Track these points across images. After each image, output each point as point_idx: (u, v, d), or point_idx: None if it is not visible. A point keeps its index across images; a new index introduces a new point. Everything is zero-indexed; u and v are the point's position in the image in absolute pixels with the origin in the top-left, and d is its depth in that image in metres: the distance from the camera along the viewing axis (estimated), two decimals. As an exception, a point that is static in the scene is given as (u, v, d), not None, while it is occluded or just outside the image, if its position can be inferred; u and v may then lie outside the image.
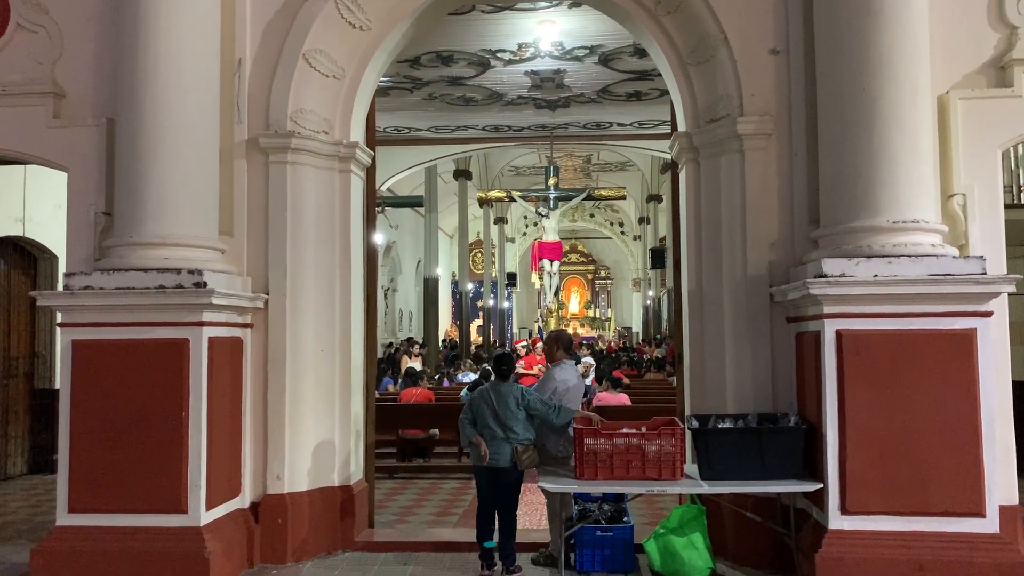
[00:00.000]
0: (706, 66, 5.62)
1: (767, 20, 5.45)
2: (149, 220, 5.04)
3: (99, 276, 4.96)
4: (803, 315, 4.99)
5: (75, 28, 5.64)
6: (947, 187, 5.08)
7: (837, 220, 4.85)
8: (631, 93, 13.13)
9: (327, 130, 5.83)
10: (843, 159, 4.82)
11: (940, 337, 4.53)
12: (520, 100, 13.73)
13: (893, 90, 4.71)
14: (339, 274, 5.80)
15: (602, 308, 36.39)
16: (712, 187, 5.60)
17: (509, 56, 11.42)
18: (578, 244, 36.24)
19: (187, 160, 5.12)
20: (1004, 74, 5.18)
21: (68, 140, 5.50)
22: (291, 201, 5.61)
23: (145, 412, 4.90)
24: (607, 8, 6.07)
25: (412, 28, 6.21)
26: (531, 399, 5.19)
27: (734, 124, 5.38)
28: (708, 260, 5.60)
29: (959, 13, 5.23)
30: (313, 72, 5.74)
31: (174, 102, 5.08)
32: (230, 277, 5.27)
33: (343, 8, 5.68)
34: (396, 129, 15.38)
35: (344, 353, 5.80)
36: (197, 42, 5.23)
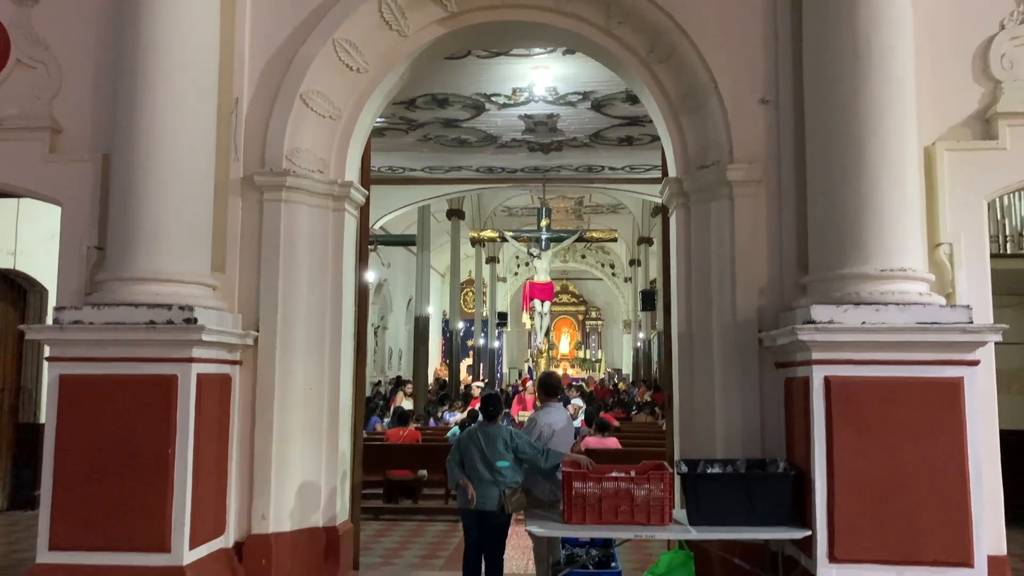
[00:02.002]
0: (697, 114, 5.71)
1: (757, 70, 5.55)
2: (141, 255, 5.05)
3: (89, 310, 4.95)
4: (792, 361, 5.02)
5: (74, 64, 5.70)
6: (934, 236, 5.15)
7: (826, 267, 4.90)
8: (623, 138, 13.29)
9: (322, 169, 5.88)
10: (831, 207, 4.89)
11: (928, 385, 4.55)
12: (514, 143, 13.86)
13: (880, 140, 4.80)
14: (330, 312, 5.80)
15: (593, 349, 36.31)
16: (702, 232, 5.65)
17: (503, 100, 11.56)
18: (569, 285, 36.27)
19: (181, 196, 5.15)
20: (989, 126, 5.28)
21: (63, 174, 5.53)
22: (284, 239, 5.64)
23: (131, 449, 4.86)
24: (600, 56, 6.17)
25: (408, 71, 6.30)
26: (520, 442, 5.18)
27: (724, 171, 5.45)
28: (698, 304, 5.63)
29: (945, 66, 5.35)
30: (310, 112, 5.80)
31: (170, 139, 5.12)
32: (221, 314, 5.27)
33: (341, 51, 5.77)
34: (391, 169, 15.48)
35: (333, 391, 5.78)
36: (195, 80, 5.30)
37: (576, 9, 5.80)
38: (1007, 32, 5.32)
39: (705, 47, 5.53)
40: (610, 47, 5.90)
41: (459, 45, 6.82)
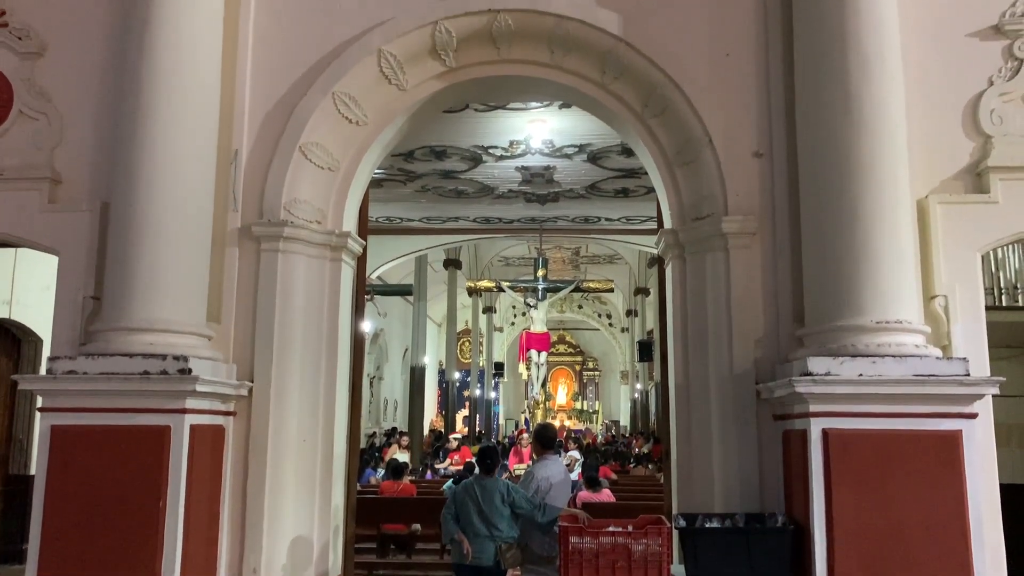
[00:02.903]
0: (691, 166, 5.77)
1: (751, 124, 5.63)
2: (137, 305, 5.04)
3: (83, 360, 4.93)
4: (790, 413, 4.99)
5: (76, 114, 5.77)
6: (929, 288, 5.17)
7: (822, 319, 4.91)
8: (619, 190, 13.41)
9: (320, 220, 5.91)
10: (826, 259, 4.91)
11: (926, 438, 4.53)
12: (510, 194, 13.99)
13: (874, 194, 4.84)
14: (325, 363, 5.78)
15: (590, 400, 36.14)
16: (698, 283, 5.67)
17: (501, 152, 11.70)
18: (566, 335, 36.25)
19: (179, 246, 5.17)
20: (981, 180, 5.34)
21: (61, 224, 5.55)
22: (281, 289, 5.64)
23: (121, 501, 4.80)
24: (596, 110, 6.26)
25: (407, 124, 6.38)
26: (516, 496, 5.12)
27: (719, 223, 5.49)
28: (695, 355, 5.62)
29: (936, 121, 5.42)
30: (308, 164, 5.86)
31: (169, 189, 5.16)
32: (215, 364, 5.25)
33: (340, 104, 5.84)
34: (388, 219, 15.58)
35: (327, 443, 5.72)
36: (195, 132, 5.35)
37: (572, 65, 5.90)
38: (996, 88, 5.41)
39: (699, 102, 5.61)
40: (606, 101, 5.99)
41: (457, 99, 6.92)
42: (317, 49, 5.85)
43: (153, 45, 5.29)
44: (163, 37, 5.29)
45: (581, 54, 5.85)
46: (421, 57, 5.92)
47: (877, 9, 5.05)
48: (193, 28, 5.39)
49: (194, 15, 5.41)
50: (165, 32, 5.30)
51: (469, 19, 5.76)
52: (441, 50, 5.87)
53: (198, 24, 5.43)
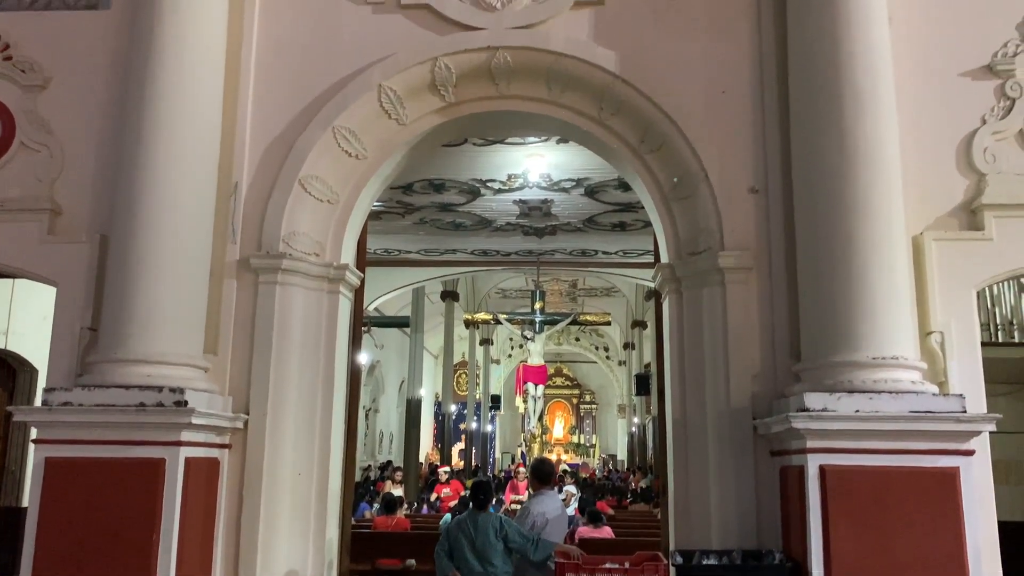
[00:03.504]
0: (688, 201, 5.81)
1: (746, 159, 5.67)
2: (134, 336, 5.04)
3: (79, 392, 4.92)
4: (787, 449, 4.98)
5: (77, 147, 5.81)
6: (925, 325, 5.18)
7: (818, 354, 4.92)
8: (616, 223, 13.48)
9: (318, 252, 5.93)
10: (822, 294, 4.93)
11: (923, 475, 4.51)
12: (508, 227, 14.05)
13: (869, 230, 4.87)
14: (321, 396, 5.76)
15: (587, 434, 35.95)
16: (694, 318, 5.68)
17: (499, 185, 11.78)
18: (563, 368, 36.17)
19: (177, 278, 5.18)
20: (975, 217, 5.38)
21: (60, 255, 5.56)
22: (278, 321, 5.64)
23: (114, 534, 4.75)
24: (593, 145, 6.32)
25: (406, 158, 6.43)
26: (510, 531, 5.08)
27: (715, 258, 5.52)
28: (692, 390, 5.62)
29: (930, 158, 5.47)
30: (308, 197, 5.89)
31: (169, 222, 5.18)
32: (211, 396, 5.24)
33: (340, 138, 5.89)
34: (386, 251, 15.63)
35: (322, 477, 5.69)
36: (196, 165, 5.39)
37: (569, 101, 5.96)
38: (988, 127, 5.47)
39: (695, 138, 5.66)
40: (602, 137, 6.04)
41: (456, 133, 6.98)
42: (318, 84, 5.91)
43: (155, 79, 5.34)
44: (165, 72, 5.35)
45: (579, 90, 5.92)
46: (421, 92, 5.98)
47: (871, 49, 5.12)
48: (195, 62, 5.45)
49: (197, 50, 5.47)
50: (167, 67, 5.36)
51: (468, 56, 5.83)
52: (441, 86, 5.94)
53: (200, 59, 5.49)
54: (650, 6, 5.87)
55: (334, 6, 6.01)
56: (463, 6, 5.90)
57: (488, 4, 5.88)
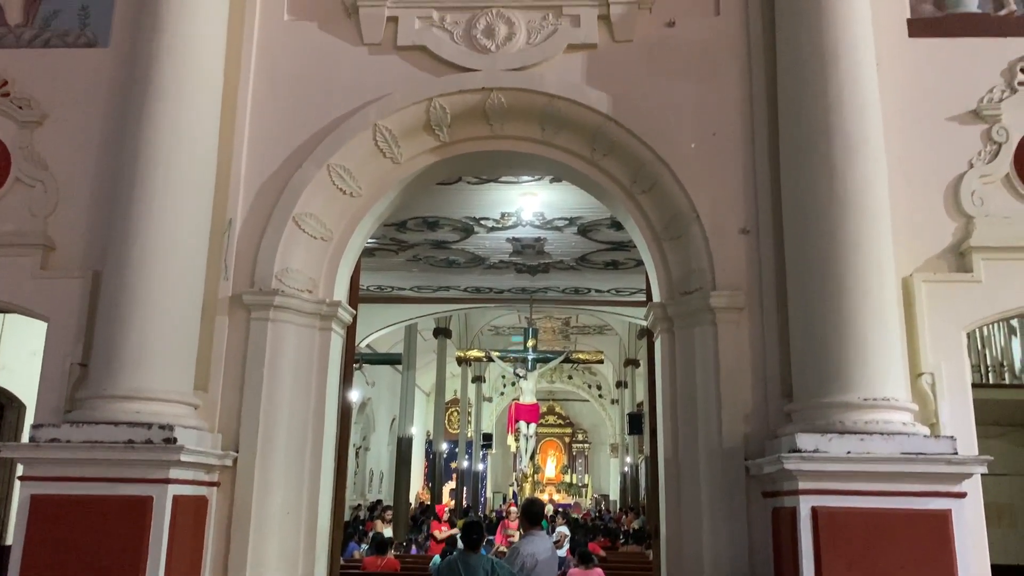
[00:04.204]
0: (679, 241, 5.85)
1: (737, 200, 5.72)
2: (125, 373, 5.02)
3: (67, 428, 4.88)
4: (779, 490, 4.95)
5: (72, 182, 5.83)
6: (915, 366, 5.20)
7: (809, 395, 4.92)
8: (608, 262, 13.55)
9: (311, 289, 5.94)
10: (813, 335, 4.95)
11: (915, 517, 4.49)
12: (501, 264, 14.11)
13: (859, 271, 4.91)
14: (311, 434, 5.72)
15: (579, 473, 35.67)
16: (687, 357, 5.68)
17: (492, 223, 11.85)
18: (556, 406, 36.00)
19: (169, 315, 5.17)
20: (964, 259, 5.42)
21: (52, 291, 5.55)
22: (269, 358, 5.62)
23: (100, 573, 4.67)
24: (586, 184, 6.37)
25: (400, 196, 6.47)
26: (500, 571, 5.04)
27: (707, 297, 5.54)
28: (684, 430, 5.60)
29: (919, 201, 5.53)
30: (301, 234, 5.91)
31: (162, 258, 5.18)
32: (201, 433, 5.20)
33: (335, 175, 5.93)
34: (379, 288, 15.65)
35: (311, 516, 5.63)
36: (191, 202, 5.41)
37: (562, 142, 6.03)
38: (976, 171, 5.54)
39: (686, 179, 5.71)
40: (595, 177, 6.10)
41: (450, 172, 7.03)
42: (314, 123, 5.97)
43: (152, 116, 5.38)
44: (162, 109, 5.39)
45: (572, 131, 5.99)
46: (416, 132, 6.04)
47: (859, 93, 5.20)
48: (192, 101, 5.50)
49: (194, 88, 5.52)
50: (164, 104, 5.40)
51: (463, 97, 5.90)
52: (435, 126, 6.01)
53: (197, 97, 5.54)
54: (642, 49, 5.97)
55: (331, 46, 6.09)
56: (459, 48, 5.99)
57: (483, 46, 5.97)
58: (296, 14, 6.19)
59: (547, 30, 5.97)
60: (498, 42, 5.97)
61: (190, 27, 5.56)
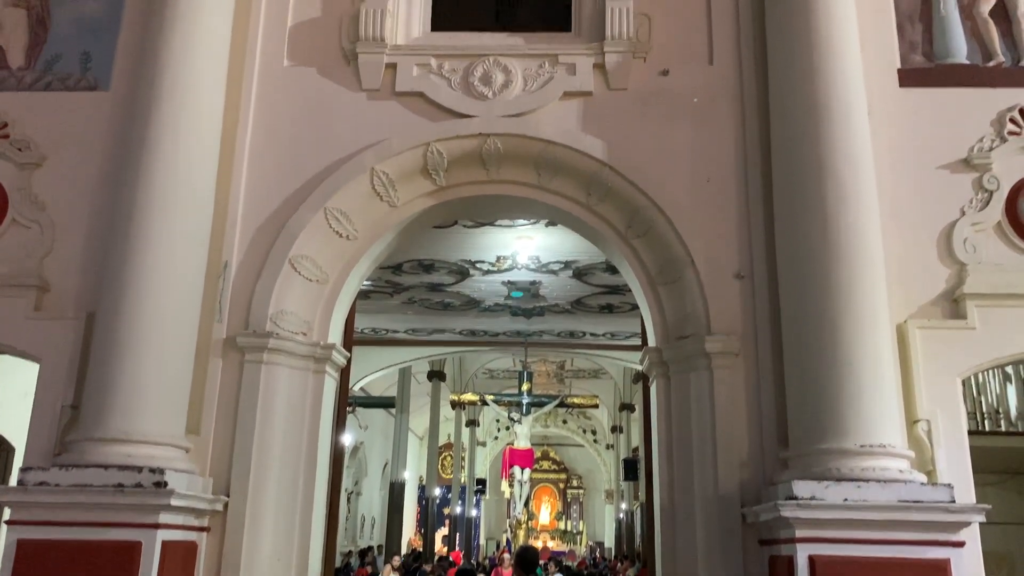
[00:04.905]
0: (674, 286, 5.87)
1: (732, 246, 5.76)
2: (116, 415, 4.97)
3: (56, 472, 4.82)
4: (776, 538, 4.90)
5: (69, 224, 5.85)
6: (911, 413, 5.18)
7: (805, 441, 4.90)
8: (604, 306, 13.56)
9: (305, 331, 5.92)
10: (808, 382, 4.95)
11: (914, 566, 4.44)
12: (497, 307, 14.10)
13: (853, 317, 4.92)
14: (303, 478, 5.66)
15: (574, 520, 35.22)
16: (682, 403, 5.66)
17: (488, 267, 11.87)
18: (550, 451, 35.67)
19: (162, 357, 5.14)
20: (957, 306, 5.44)
21: (46, 332, 5.53)
22: (262, 402, 5.58)
23: (83, 622, 4.59)
24: (581, 229, 6.41)
25: (396, 239, 6.49)
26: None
27: (702, 342, 5.54)
28: (680, 476, 5.56)
29: (912, 248, 5.57)
30: (297, 276, 5.92)
31: (157, 300, 5.17)
32: (191, 477, 5.14)
33: (332, 219, 5.96)
34: (373, 330, 15.61)
35: (301, 562, 5.53)
36: (187, 244, 5.42)
37: (558, 187, 6.08)
38: (967, 218, 5.60)
39: (680, 224, 5.75)
40: (590, 222, 6.14)
41: (446, 216, 7.07)
42: (311, 166, 6.01)
43: (151, 159, 5.41)
44: (161, 152, 5.42)
45: (567, 177, 6.04)
46: (413, 176, 6.09)
47: (852, 141, 5.27)
48: (191, 144, 5.54)
49: (193, 132, 5.56)
50: (163, 147, 5.43)
51: (460, 142, 5.97)
52: (432, 170, 6.06)
53: (196, 140, 5.58)
54: (637, 97, 6.05)
55: (330, 92, 6.17)
56: (456, 94, 6.06)
57: (480, 93, 6.05)
58: (296, 60, 6.27)
59: (543, 78, 6.06)
60: (495, 89, 6.05)
61: (191, 72, 5.63)
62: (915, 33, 6.04)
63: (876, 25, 5.95)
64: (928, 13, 6.06)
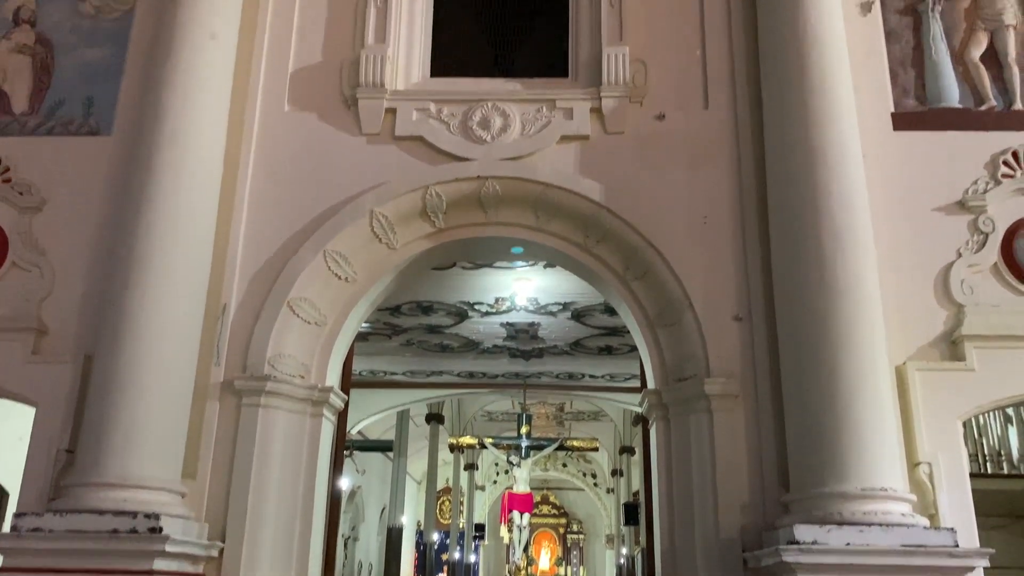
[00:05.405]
0: (673, 328, 5.87)
1: (730, 287, 5.77)
2: (113, 460, 4.93)
3: (51, 517, 4.76)
4: (778, 584, 4.84)
5: (68, 267, 5.86)
6: (912, 456, 5.15)
7: (806, 485, 4.86)
8: (602, 347, 13.54)
9: (303, 374, 5.90)
10: (808, 424, 4.92)
11: (918, 612, 4.38)
12: (495, 349, 14.08)
13: (853, 360, 4.91)
14: (299, 523, 5.59)
15: (574, 565, 34.70)
16: (682, 446, 5.63)
17: (486, 308, 11.88)
18: (550, 495, 35.24)
19: (159, 400, 5.11)
20: (956, 348, 5.44)
21: (43, 376, 5.51)
22: (259, 446, 5.54)
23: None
24: (579, 271, 6.43)
25: (395, 281, 6.51)
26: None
27: (701, 384, 5.52)
28: (680, 520, 5.50)
29: (909, 290, 5.57)
30: (295, 319, 5.91)
31: (155, 344, 5.16)
32: (187, 522, 5.08)
33: (331, 261, 5.98)
34: (371, 372, 15.55)
35: (298, 610, 5.46)
36: (186, 287, 5.42)
37: (556, 228, 6.12)
38: (964, 260, 5.62)
39: (678, 265, 5.77)
40: (588, 263, 6.17)
41: (445, 258, 7.10)
42: (311, 209, 6.04)
43: (151, 203, 5.44)
44: (161, 196, 5.45)
45: (565, 219, 6.08)
46: (412, 218, 6.12)
47: (847, 184, 5.30)
48: (192, 188, 5.57)
49: (194, 176, 5.60)
50: (164, 191, 5.46)
51: (459, 185, 6.01)
52: (431, 212, 6.10)
53: (197, 184, 5.61)
54: (634, 141, 6.11)
55: (330, 136, 6.23)
56: (455, 138, 6.13)
57: (479, 137, 6.11)
58: (297, 105, 6.35)
59: (541, 122, 6.13)
60: (493, 133, 6.12)
61: (192, 117, 5.68)
62: (907, 78, 6.13)
63: (869, 70, 6.05)
64: (920, 58, 6.16)
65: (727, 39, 6.26)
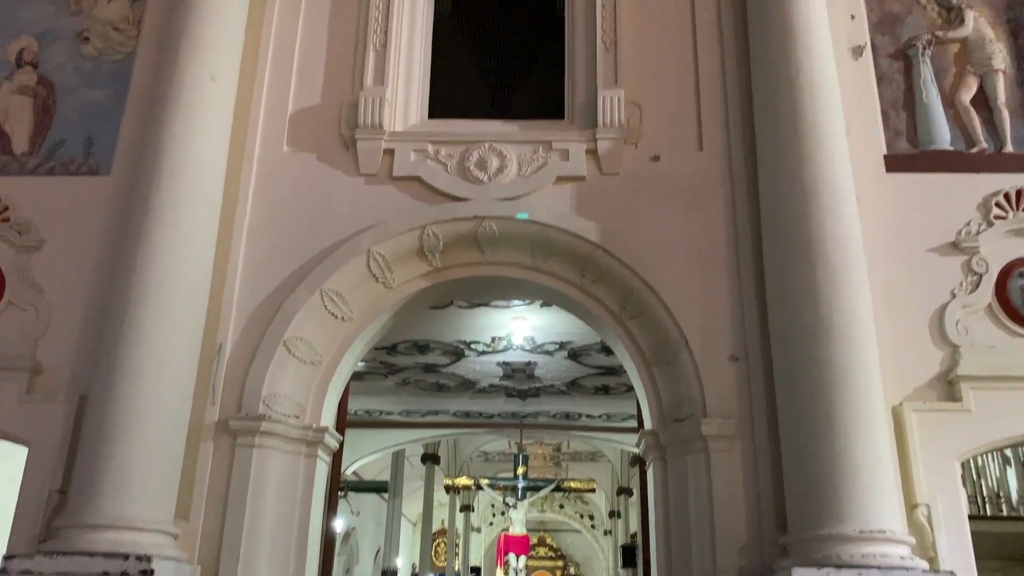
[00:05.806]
0: (669, 367, 5.86)
1: (726, 326, 5.77)
2: (105, 501, 4.88)
3: (41, 559, 4.70)
4: (777, 628, 4.78)
5: (64, 306, 5.86)
6: (910, 497, 5.12)
7: (804, 527, 4.82)
8: (599, 387, 13.50)
9: (298, 414, 5.87)
10: (806, 466, 4.89)
11: (920, 658, 4.32)
12: (492, 388, 14.03)
13: (849, 401, 4.90)
14: (293, 565, 5.51)
15: (572, 610, 34.17)
16: (680, 487, 5.59)
17: (483, 347, 11.86)
18: (546, 537, 34.80)
19: (153, 441, 5.08)
20: (952, 388, 5.44)
21: (36, 415, 5.48)
22: (253, 486, 5.49)
23: None
24: (575, 310, 6.44)
25: (392, 320, 6.51)
26: None
27: (698, 425, 5.50)
28: (678, 563, 5.44)
29: (905, 331, 5.59)
30: (291, 358, 5.90)
31: (150, 384, 5.14)
32: (179, 565, 5.01)
33: (328, 300, 5.99)
34: (367, 412, 15.47)
35: (290, 655, 5.37)
36: (182, 327, 5.41)
37: (552, 268, 6.14)
38: (958, 300, 5.64)
39: (674, 305, 5.78)
40: (585, 303, 6.18)
41: (441, 297, 7.11)
42: (308, 248, 6.07)
43: (149, 243, 5.45)
44: (159, 236, 5.47)
45: (561, 258, 6.10)
46: (409, 258, 6.15)
47: (841, 225, 5.33)
48: (190, 228, 5.58)
49: (192, 215, 5.62)
50: (161, 231, 5.48)
51: (456, 225, 6.05)
52: (428, 252, 6.12)
53: (195, 224, 5.63)
54: (629, 182, 6.16)
55: (329, 176, 6.28)
56: (452, 179, 6.18)
57: (476, 177, 6.16)
58: (296, 146, 6.41)
59: (537, 163, 6.19)
60: (490, 173, 6.17)
61: (191, 157, 5.72)
62: (899, 120, 6.21)
63: (861, 112, 6.13)
64: (911, 101, 6.25)
65: (721, 82, 6.35)
